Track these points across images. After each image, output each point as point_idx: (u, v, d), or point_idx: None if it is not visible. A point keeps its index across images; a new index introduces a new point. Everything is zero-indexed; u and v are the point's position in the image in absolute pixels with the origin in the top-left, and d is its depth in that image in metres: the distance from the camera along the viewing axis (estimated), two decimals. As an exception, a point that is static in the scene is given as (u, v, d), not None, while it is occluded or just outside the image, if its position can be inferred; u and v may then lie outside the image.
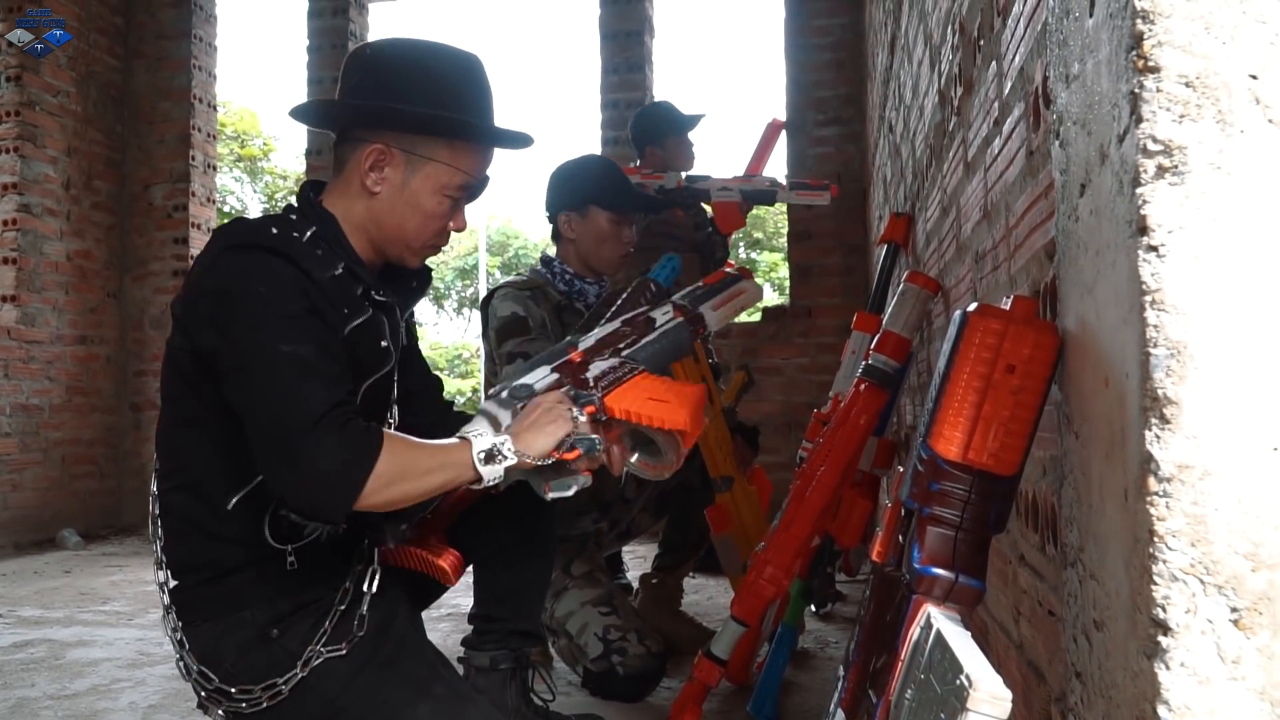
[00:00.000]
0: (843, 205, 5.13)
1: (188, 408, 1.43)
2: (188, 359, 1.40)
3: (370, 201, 1.47)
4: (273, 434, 1.25)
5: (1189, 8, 0.60)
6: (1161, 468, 0.59)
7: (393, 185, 1.47)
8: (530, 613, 1.84)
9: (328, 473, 1.23)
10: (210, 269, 1.37)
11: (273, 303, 1.31)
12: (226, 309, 1.32)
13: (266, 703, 1.38)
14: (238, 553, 1.41)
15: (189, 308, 1.39)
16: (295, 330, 1.30)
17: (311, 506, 1.26)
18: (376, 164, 1.46)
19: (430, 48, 1.50)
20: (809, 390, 5.04)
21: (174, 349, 1.43)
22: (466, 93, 1.50)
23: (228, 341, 1.31)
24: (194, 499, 1.42)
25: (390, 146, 1.46)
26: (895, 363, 1.94)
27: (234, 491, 1.39)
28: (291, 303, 1.32)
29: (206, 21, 6.16)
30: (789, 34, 5.33)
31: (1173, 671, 0.59)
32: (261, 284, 1.32)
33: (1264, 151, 0.60)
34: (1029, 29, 1.04)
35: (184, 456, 1.44)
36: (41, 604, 3.72)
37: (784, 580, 1.92)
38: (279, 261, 1.35)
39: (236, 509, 1.39)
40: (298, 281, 1.35)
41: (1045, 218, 0.98)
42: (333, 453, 1.23)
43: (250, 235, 1.38)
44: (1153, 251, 0.60)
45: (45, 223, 5.47)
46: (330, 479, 1.23)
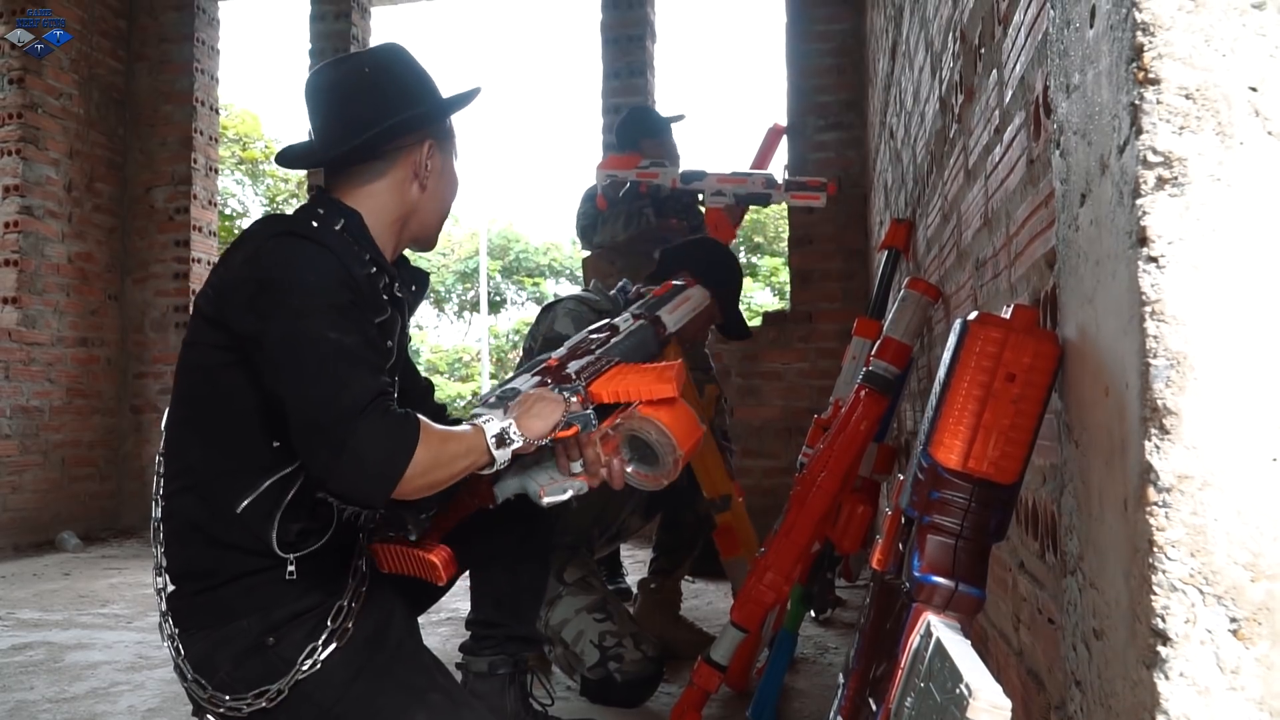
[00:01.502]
0: (843, 210, 5.13)
1: (204, 408, 1.43)
2: (214, 353, 1.41)
3: (421, 195, 1.57)
4: (318, 420, 1.27)
5: (1189, 20, 0.61)
6: (1161, 478, 0.60)
7: (437, 172, 1.58)
8: (527, 617, 1.84)
9: (372, 460, 1.26)
10: (254, 258, 1.39)
11: (320, 291, 1.34)
12: (271, 296, 1.34)
13: (264, 704, 1.38)
14: (239, 560, 1.40)
15: (225, 296, 1.39)
16: (343, 320, 1.34)
17: (355, 492, 1.29)
18: (426, 160, 1.56)
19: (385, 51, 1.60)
20: (809, 395, 5.04)
21: (195, 346, 1.44)
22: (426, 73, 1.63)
23: (272, 327, 1.33)
24: (201, 502, 1.42)
25: (434, 139, 1.57)
26: (896, 369, 1.94)
27: (244, 495, 1.39)
28: (338, 293, 1.36)
29: (209, 25, 6.17)
30: (790, 39, 5.34)
31: (1172, 681, 0.59)
32: (309, 273, 1.36)
33: (1264, 163, 0.60)
34: (1029, 38, 1.04)
35: (193, 458, 1.44)
36: (40, 606, 3.71)
37: (784, 586, 1.92)
38: (324, 252, 1.39)
39: (245, 513, 1.39)
40: (341, 273, 1.39)
41: (1046, 226, 0.98)
42: (377, 441, 1.26)
43: (294, 225, 1.43)
44: (1153, 262, 0.60)
45: (47, 225, 5.47)
46: (375, 466, 1.26)
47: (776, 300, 18.44)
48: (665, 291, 1.92)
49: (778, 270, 18.18)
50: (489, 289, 24.20)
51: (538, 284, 23.68)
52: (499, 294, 24.71)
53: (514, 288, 24.55)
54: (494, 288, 24.55)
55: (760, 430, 5.09)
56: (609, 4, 5.57)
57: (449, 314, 24.92)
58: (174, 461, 1.47)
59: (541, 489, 1.46)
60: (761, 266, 19.19)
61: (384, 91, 1.53)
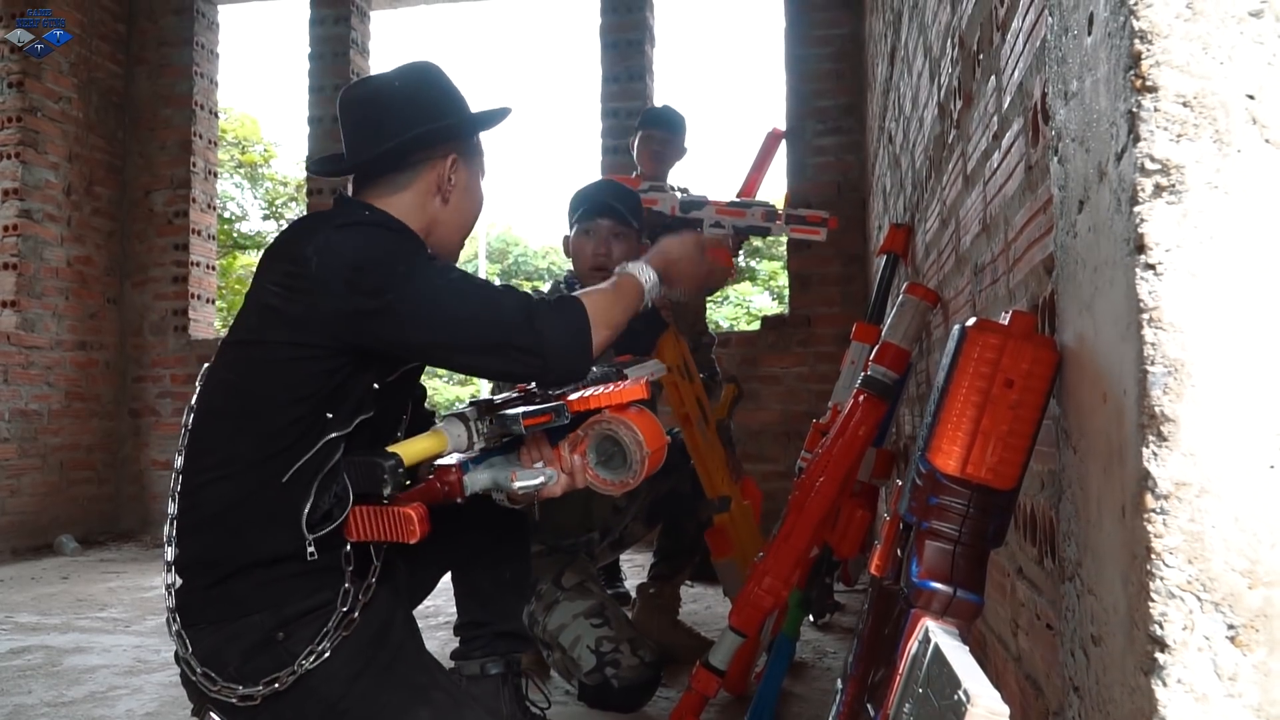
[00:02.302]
0: (842, 215, 5.13)
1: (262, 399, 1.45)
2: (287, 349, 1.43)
3: (443, 209, 1.62)
4: (503, 337, 1.43)
5: (1187, 28, 0.61)
6: (1159, 485, 0.60)
7: (461, 186, 1.63)
8: (513, 613, 1.85)
9: (568, 341, 1.46)
10: (330, 249, 1.44)
11: (412, 254, 1.47)
12: (371, 275, 1.42)
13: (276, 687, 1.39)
14: (257, 545, 1.41)
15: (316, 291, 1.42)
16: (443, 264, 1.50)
17: (567, 370, 1.48)
18: (452, 172, 1.61)
19: (416, 68, 1.66)
20: (808, 399, 5.04)
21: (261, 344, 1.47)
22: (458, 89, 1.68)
23: (393, 296, 1.41)
24: (238, 487, 1.43)
25: (458, 155, 1.62)
26: (894, 374, 1.94)
27: (293, 463, 1.41)
28: (420, 252, 1.51)
29: (208, 29, 6.18)
30: (789, 43, 5.35)
31: (1170, 688, 0.59)
32: (391, 243, 1.48)
33: (1261, 171, 0.60)
34: (1028, 45, 1.04)
35: (242, 447, 1.45)
36: (39, 610, 3.71)
37: (782, 591, 1.92)
38: (387, 230, 1.51)
39: (291, 481, 1.41)
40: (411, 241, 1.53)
41: (1044, 232, 0.99)
42: (559, 325, 1.46)
43: (352, 216, 1.52)
44: (1150, 269, 0.61)
45: (46, 228, 5.47)
46: (572, 343, 1.46)
47: (775, 304, 18.44)
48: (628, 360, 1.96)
49: (776, 274, 18.18)
50: (488, 292, 24.16)
51: (536, 287, 23.67)
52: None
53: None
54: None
55: (759, 434, 5.09)
56: (608, 8, 5.57)
57: (448, 317, 24.90)
58: (208, 455, 1.48)
59: (513, 474, 1.48)
60: (760, 270, 19.20)
61: (412, 104, 1.59)
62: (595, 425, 1.50)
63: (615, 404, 1.50)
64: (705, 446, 2.62)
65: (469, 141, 1.65)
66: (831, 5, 5.27)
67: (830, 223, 3.36)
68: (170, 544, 1.48)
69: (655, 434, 1.53)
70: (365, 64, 6.04)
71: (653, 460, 1.52)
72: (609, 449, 1.51)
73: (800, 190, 5.27)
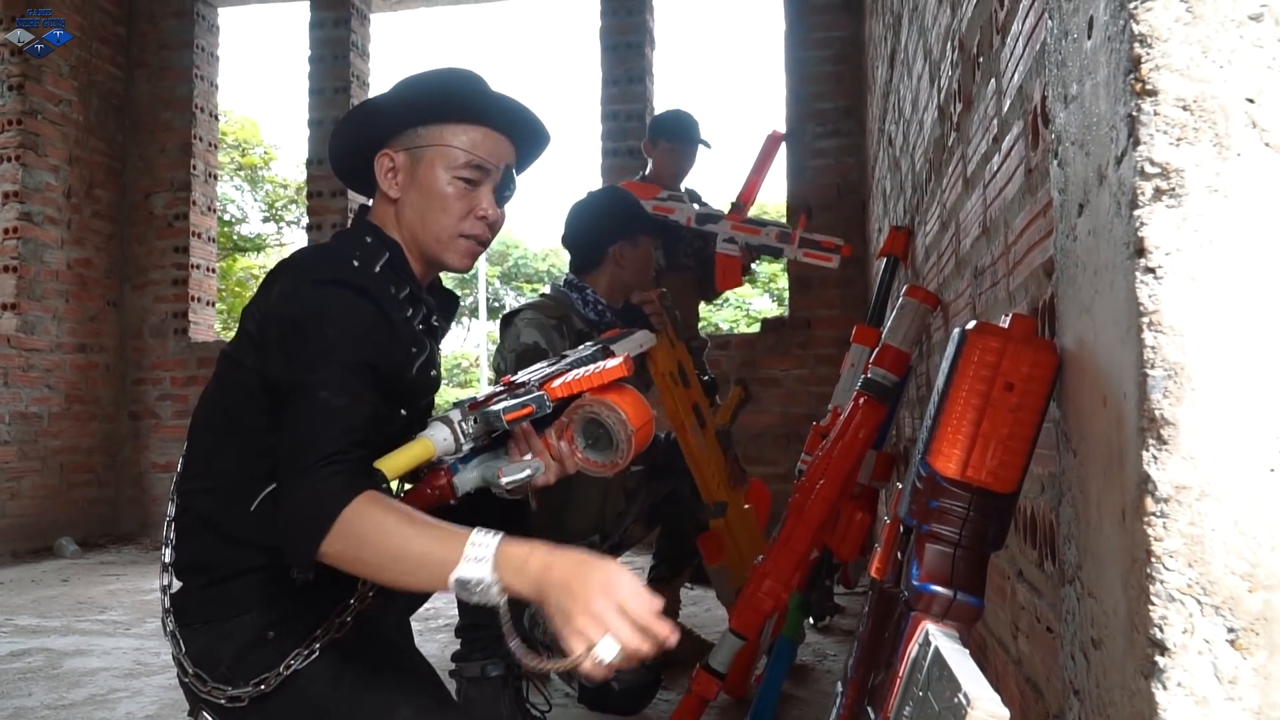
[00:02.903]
0: (842, 217, 5.14)
1: (242, 419, 1.45)
2: (255, 376, 1.43)
3: (399, 209, 1.56)
4: (281, 474, 1.30)
5: (1187, 32, 0.61)
6: (1159, 488, 0.60)
7: (406, 183, 1.55)
8: (515, 615, 1.84)
9: (299, 515, 1.24)
10: (292, 297, 1.40)
11: (335, 347, 1.35)
12: (295, 341, 1.37)
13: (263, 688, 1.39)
14: (249, 556, 1.42)
15: (265, 330, 1.42)
16: (342, 378, 1.34)
17: (288, 551, 1.28)
18: (388, 170, 1.56)
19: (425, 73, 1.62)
20: (808, 401, 5.04)
21: (240, 365, 1.46)
22: (454, 85, 1.59)
23: (287, 371, 1.36)
24: (219, 501, 1.45)
25: (394, 151, 1.55)
26: (894, 376, 1.94)
27: (260, 489, 1.41)
28: (356, 350, 1.36)
29: (208, 31, 6.18)
30: (789, 46, 5.35)
31: (1170, 691, 0.59)
32: (331, 326, 1.36)
33: (1261, 175, 0.60)
34: (1028, 48, 1.05)
35: (224, 464, 1.46)
36: (39, 613, 3.71)
37: (782, 593, 1.92)
38: (361, 302, 1.41)
39: (260, 509, 1.41)
40: (370, 325, 1.40)
41: (1044, 235, 0.99)
42: (307, 495, 1.24)
43: (335, 270, 1.44)
44: (1150, 273, 0.61)
45: (46, 231, 5.47)
46: (299, 520, 1.24)
47: (775, 307, 18.44)
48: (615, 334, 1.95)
49: (776, 276, 18.18)
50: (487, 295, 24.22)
51: (536, 289, 23.69)
52: (498, 300, 24.73)
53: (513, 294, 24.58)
54: (492, 294, 24.58)
55: (759, 437, 5.09)
56: (608, 10, 5.58)
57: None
58: (200, 464, 1.49)
59: (499, 470, 1.47)
60: (760, 272, 19.20)
61: (373, 110, 1.60)
62: (578, 409, 1.49)
63: (596, 385, 1.48)
64: (701, 451, 2.62)
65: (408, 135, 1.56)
66: (831, 8, 5.27)
67: (844, 250, 3.35)
68: (168, 545, 1.49)
69: (639, 411, 1.51)
70: (365, 66, 6.05)
71: (640, 437, 1.51)
72: (595, 431, 1.51)
73: (799, 193, 5.28)
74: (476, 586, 1.15)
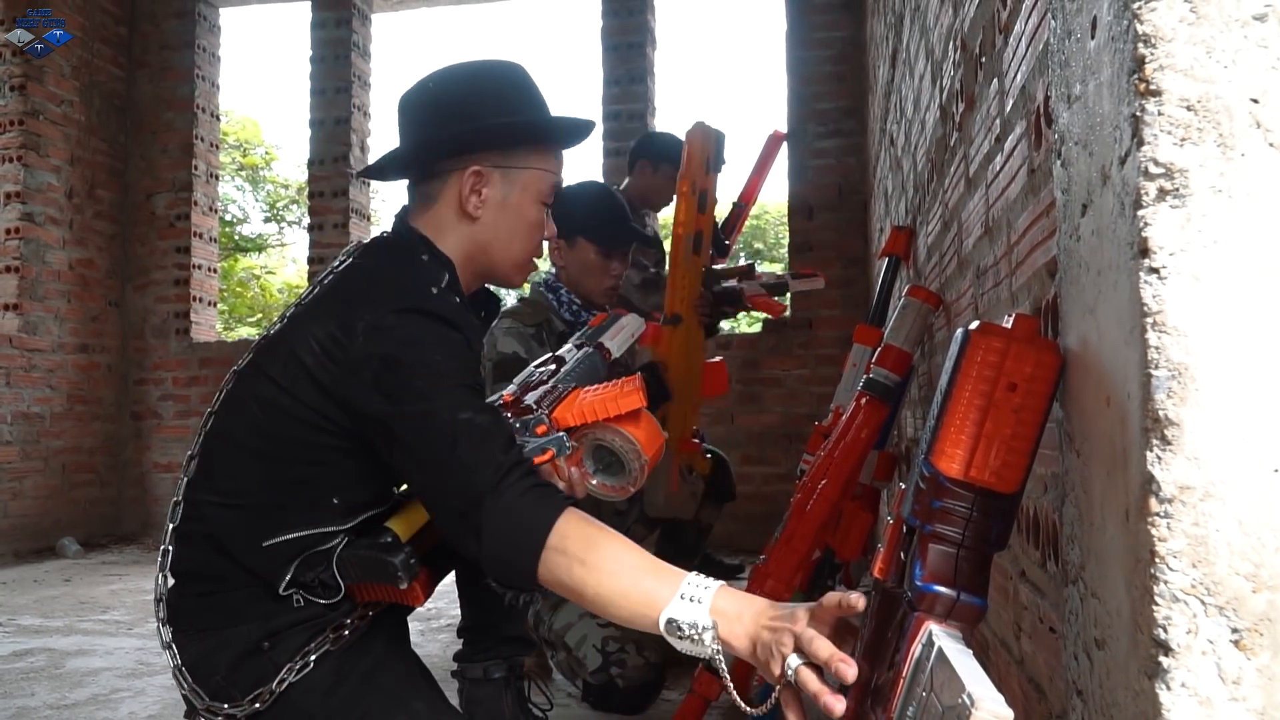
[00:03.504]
0: (843, 217, 5.14)
1: (282, 449, 1.38)
2: (314, 415, 1.34)
3: (473, 228, 1.46)
4: (456, 507, 1.23)
5: (1191, 32, 0.61)
6: (1163, 488, 0.60)
7: (494, 204, 1.46)
8: (517, 618, 1.84)
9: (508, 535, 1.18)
10: (377, 333, 1.31)
11: (448, 373, 1.29)
12: (398, 376, 1.28)
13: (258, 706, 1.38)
14: (248, 578, 1.39)
15: (347, 372, 1.32)
16: (473, 399, 1.28)
17: (501, 574, 1.21)
18: (475, 187, 1.45)
19: (480, 66, 1.51)
20: (809, 402, 5.04)
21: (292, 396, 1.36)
22: (530, 97, 1.51)
23: (402, 410, 1.27)
24: (240, 523, 1.39)
25: (485, 167, 1.45)
26: (896, 376, 1.94)
27: (277, 533, 1.36)
28: (467, 373, 1.31)
29: (210, 32, 6.19)
30: (790, 46, 5.35)
31: (1173, 692, 0.59)
32: (436, 353, 1.30)
33: (1265, 175, 0.60)
34: (1030, 48, 1.05)
35: (252, 485, 1.39)
36: (41, 613, 3.71)
37: (784, 594, 1.92)
38: (451, 332, 1.34)
39: (271, 549, 1.37)
40: (468, 353, 1.34)
41: (1047, 235, 0.99)
42: (509, 513, 1.18)
43: (416, 300, 1.36)
44: (1154, 273, 0.61)
45: (48, 231, 5.48)
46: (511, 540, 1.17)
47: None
48: (602, 321, 1.90)
49: (778, 276, 18.15)
50: (489, 295, 24.16)
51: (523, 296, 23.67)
52: (499, 300, 24.68)
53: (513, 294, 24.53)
54: (494, 294, 24.51)
55: (760, 437, 5.09)
56: (609, 10, 5.58)
57: (449, 320, 24.95)
58: (217, 477, 1.42)
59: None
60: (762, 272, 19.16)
61: (434, 108, 1.48)
62: (589, 434, 1.44)
63: (611, 416, 1.43)
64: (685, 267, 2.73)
65: (504, 153, 1.46)
66: (832, 8, 5.27)
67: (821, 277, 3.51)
68: (169, 547, 1.44)
69: (652, 436, 1.47)
70: (366, 67, 6.05)
71: (652, 464, 1.47)
72: (606, 457, 1.47)
73: (801, 192, 5.28)
74: (690, 629, 1.07)
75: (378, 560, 1.34)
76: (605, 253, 2.50)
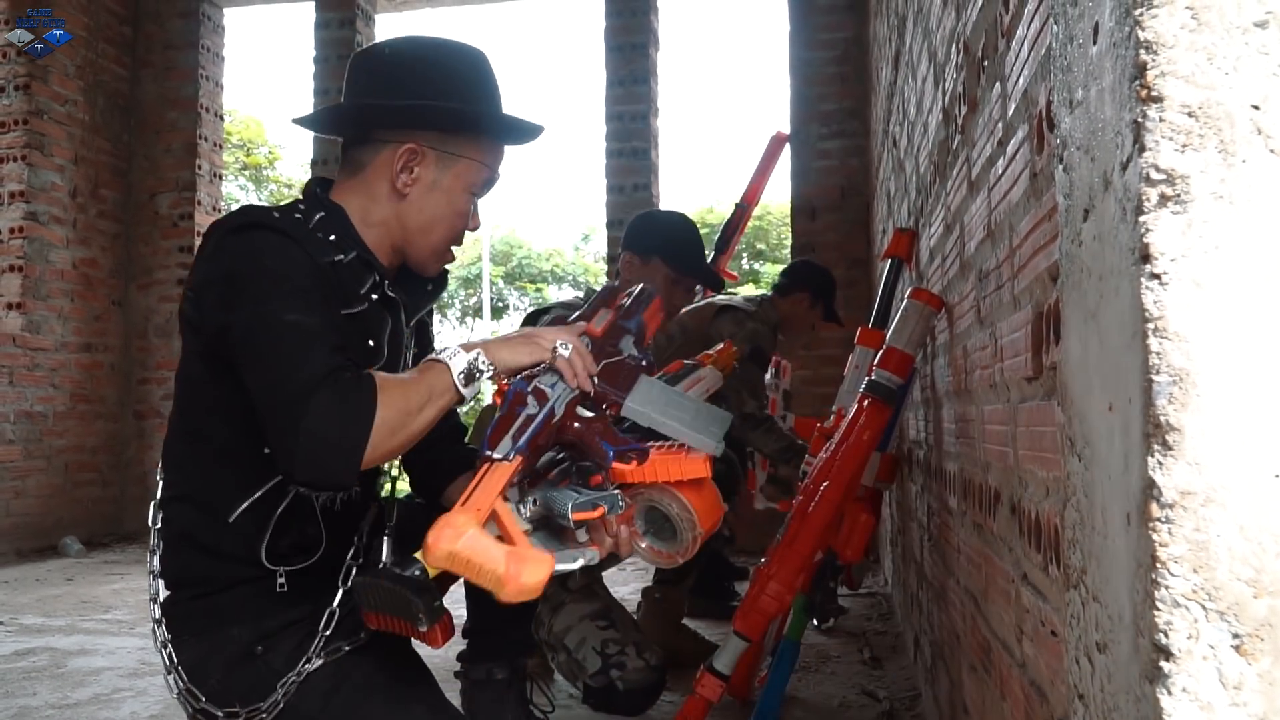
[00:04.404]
0: (846, 218, 5.14)
1: (197, 417, 1.41)
2: (197, 361, 1.37)
3: (399, 204, 1.45)
4: (275, 404, 1.21)
5: (1192, 39, 0.61)
6: (1164, 494, 0.60)
7: (423, 185, 1.45)
8: (522, 621, 1.83)
9: (330, 435, 1.17)
10: (214, 256, 1.33)
11: (280, 277, 1.28)
12: (235, 288, 1.28)
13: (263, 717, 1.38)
14: (231, 569, 1.39)
15: (197, 302, 1.35)
16: (302, 302, 1.27)
17: (321, 473, 1.19)
18: (408, 164, 1.43)
19: (442, 44, 1.49)
20: (811, 403, 5.04)
21: (185, 354, 1.41)
22: (484, 87, 1.50)
23: (236, 318, 1.27)
24: (195, 511, 1.40)
25: (422, 146, 1.44)
26: (899, 379, 1.94)
27: (237, 504, 1.37)
28: (300, 277, 1.29)
29: (214, 31, 6.20)
30: (793, 47, 5.35)
31: (1175, 696, 0.59)
32: (268, 259, 1.29)
33: (1265, 181, 0.60)
34: (1033, 52, 1.05)
35: (189, 468, 1.42)
36: (43, 612, 3.72)
37: (787, 596, 1.92)
38: (285, 240, 1.32)
39: (238, 522, 1.37)
40: (304, 259, 1.32)
41: (1049, 240, 0.99)
42: (331, 414, 1.17)
43: (250, 216, 1.35)
44: (1155, 279, 0.61)
45: (51, 231, 5.49)
46: (334, 441, 1.17)
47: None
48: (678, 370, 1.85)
49: (780, 277, 18.16)
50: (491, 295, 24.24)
51: (540, 290, 23.74)
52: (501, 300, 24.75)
53: (516, 294, 24.59)
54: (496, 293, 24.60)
55: (763, 438, 5.08)
56: (613, 11, 5.58)
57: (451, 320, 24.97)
58: (171, 471, 1.45)
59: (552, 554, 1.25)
60: (764, 273, 19.19)
61: (386, 75, 1.46)
62: (644, 492, 1.35)
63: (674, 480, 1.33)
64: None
65: (444, 136, 1.44)
66: (835, 9, 5.27)
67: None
68: (154, 554, 1.44)
69: (711, 509, 1.37)
70: (370, 67, 6.06)
71: (706, 536, 1.38)
72: (658, 519, 1.38)
73: (804, 193, 5.28)
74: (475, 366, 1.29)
75: (402, 597, 1.24)
76: (675, 278, 2.53)
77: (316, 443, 1.17)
